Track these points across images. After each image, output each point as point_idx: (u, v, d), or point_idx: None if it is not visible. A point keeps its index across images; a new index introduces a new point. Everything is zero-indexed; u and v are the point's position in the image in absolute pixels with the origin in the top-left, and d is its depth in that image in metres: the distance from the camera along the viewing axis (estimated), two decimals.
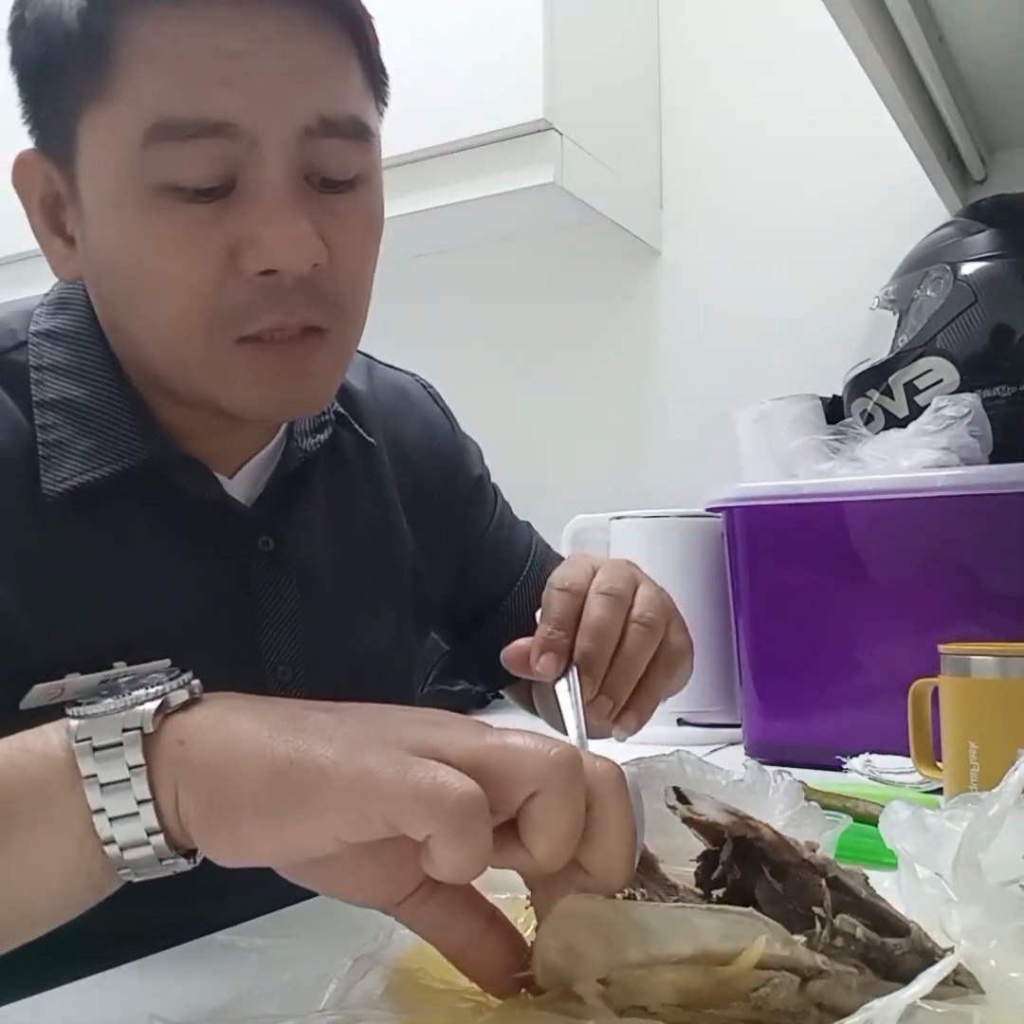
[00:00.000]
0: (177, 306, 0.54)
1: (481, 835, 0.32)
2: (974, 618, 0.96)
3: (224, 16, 0.51)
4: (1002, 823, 0.37)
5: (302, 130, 0.53)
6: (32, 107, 0.57)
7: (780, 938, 0.32)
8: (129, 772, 0.36)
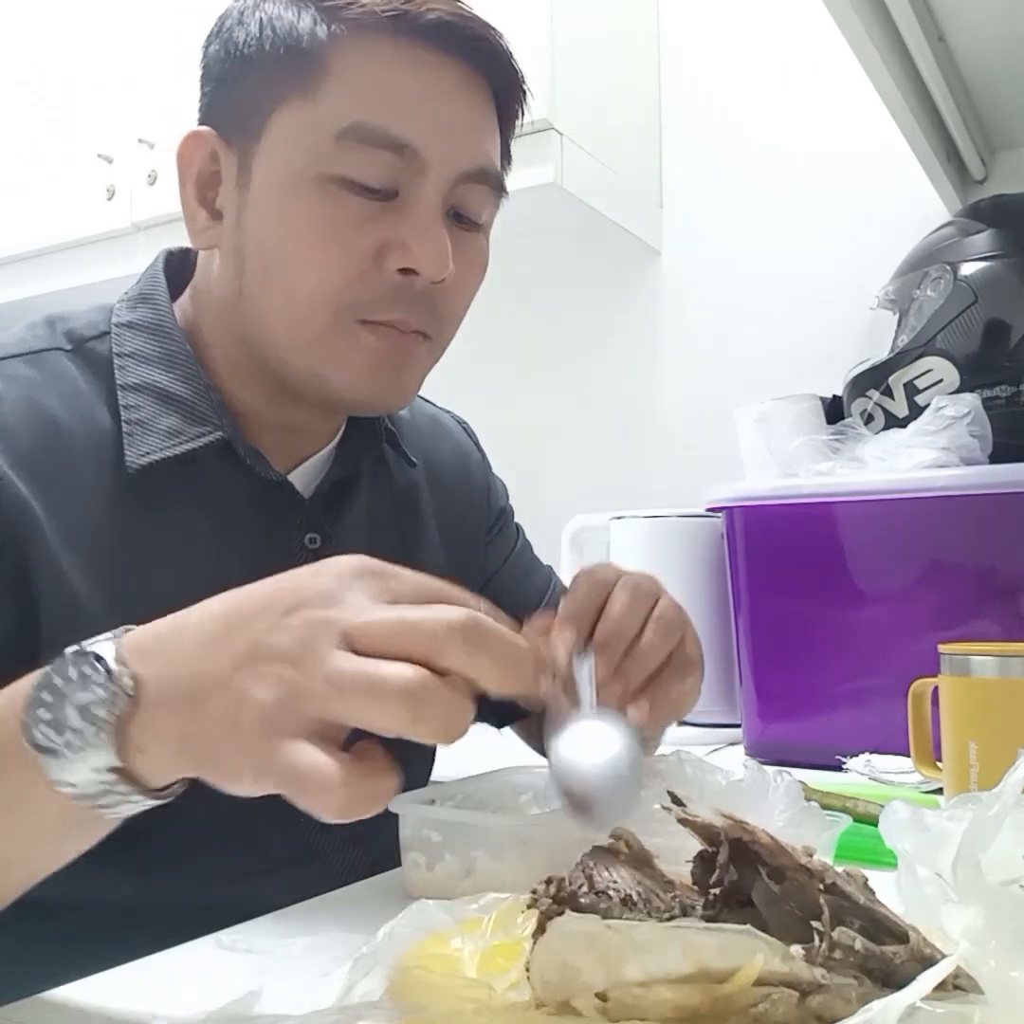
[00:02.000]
0: (324, 282, 0.61)
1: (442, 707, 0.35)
2: (974, 618, 0.96)
3: (423, 58, 0.61)
4: (1002, 823, 0.37)
5: (463, 172, 0.63)
6: (224, 92, 0.64)
7: (778, 953, 0.32)
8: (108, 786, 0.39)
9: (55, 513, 0.60)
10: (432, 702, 0.35)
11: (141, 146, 1.65)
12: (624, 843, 0.41)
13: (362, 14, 0.60)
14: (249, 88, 0.63)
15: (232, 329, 0.67)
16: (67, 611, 0.58)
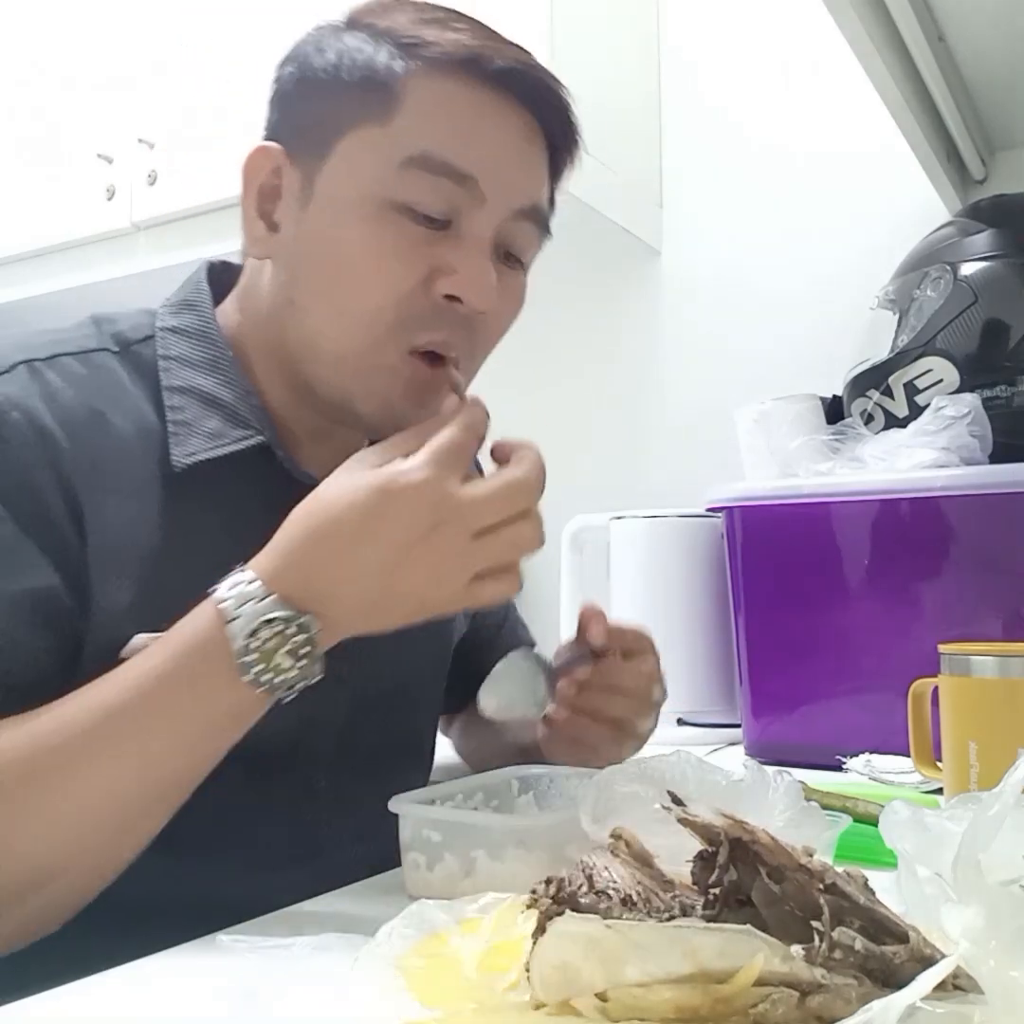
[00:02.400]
0: (376, 299, 0.64)
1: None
2: (974, 618, 0.96)
3: (489, 101, 0.65)
4: (1002, 823, 0.37)
5: (517, 209, 0.67)
6: (294, 113, 0.68)
7: (779, 954, 0.32)
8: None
9: (105, 503, 0.63)
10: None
11: (141, 146, 1.65)
12: (624, 843, 0.41)
13: (439, 54, 0.64)
14: (321, 111, 0.66)
15: (276, 338, 0.69)
16: (113, 601, 0.62)
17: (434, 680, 0.85)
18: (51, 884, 0.54)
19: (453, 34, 0.65)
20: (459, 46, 0.64)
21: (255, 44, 1.55)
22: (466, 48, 0.64)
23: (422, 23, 0.66)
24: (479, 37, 0.66)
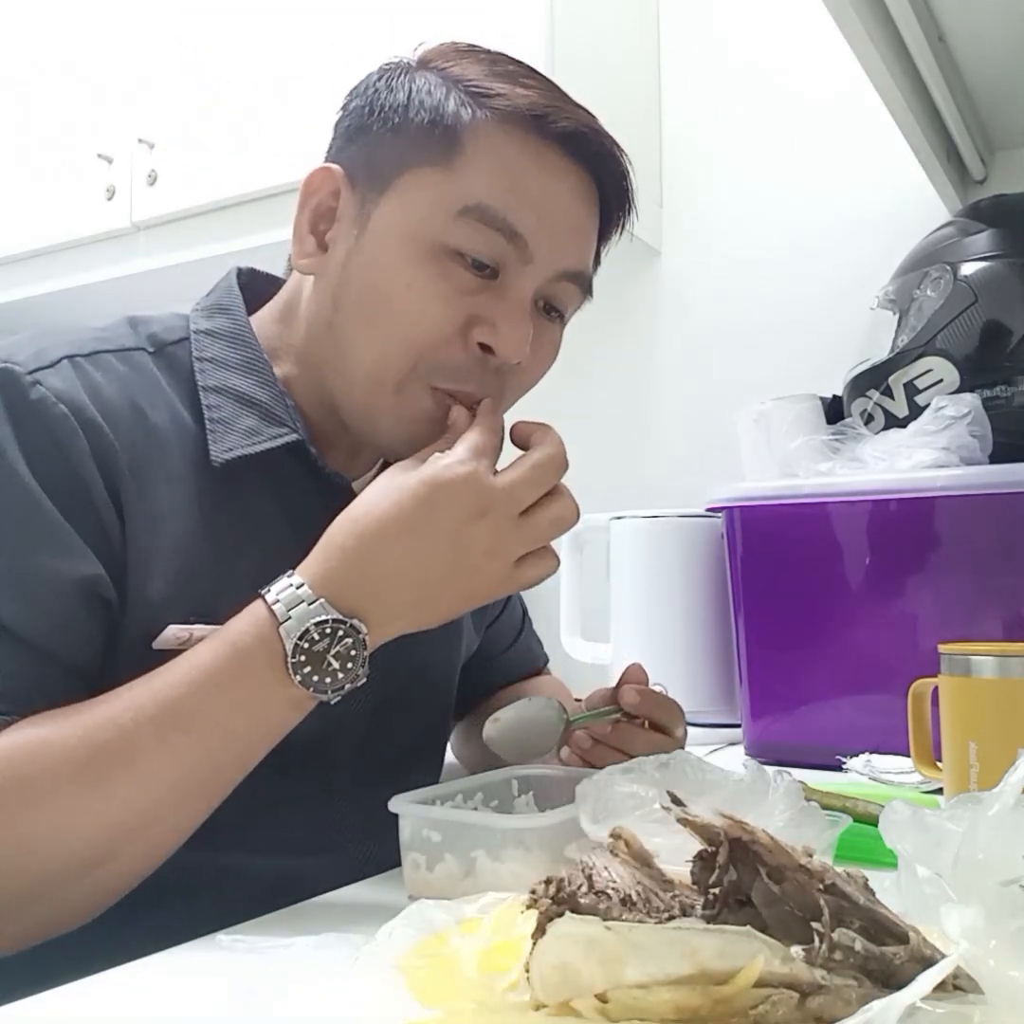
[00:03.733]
0: (412, 338, 0.66)
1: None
2: (974, 618, 0.96)
3: (549, 160, 0.67)
4: (1002, 823, 0.37)
5: (562, 271, 0.69)
6: (359, 143, 0.70)
7: (779, 955, 0.32)
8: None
9: (145, 496, 0.64)
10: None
11: (141, 146, 1.65)
12: (624, 843, 0.41)
13: (507, 107, 0.66)
14: (386, 146, 0.68)
15: (311, 351, 0.71)
16: (148, 590, 0.63)
17: (448, 682, 0.86)
18: (101, 868, 0.56)
19: (523, 90, 0.67)
20: (528, 102, 0.66)
21: (255, 44, 1.55)
22: (534, 105, 0.66)
23: (494, 76, 0.67)
24: (548, 96, 0.67)
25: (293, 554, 0.66)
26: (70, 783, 0.54)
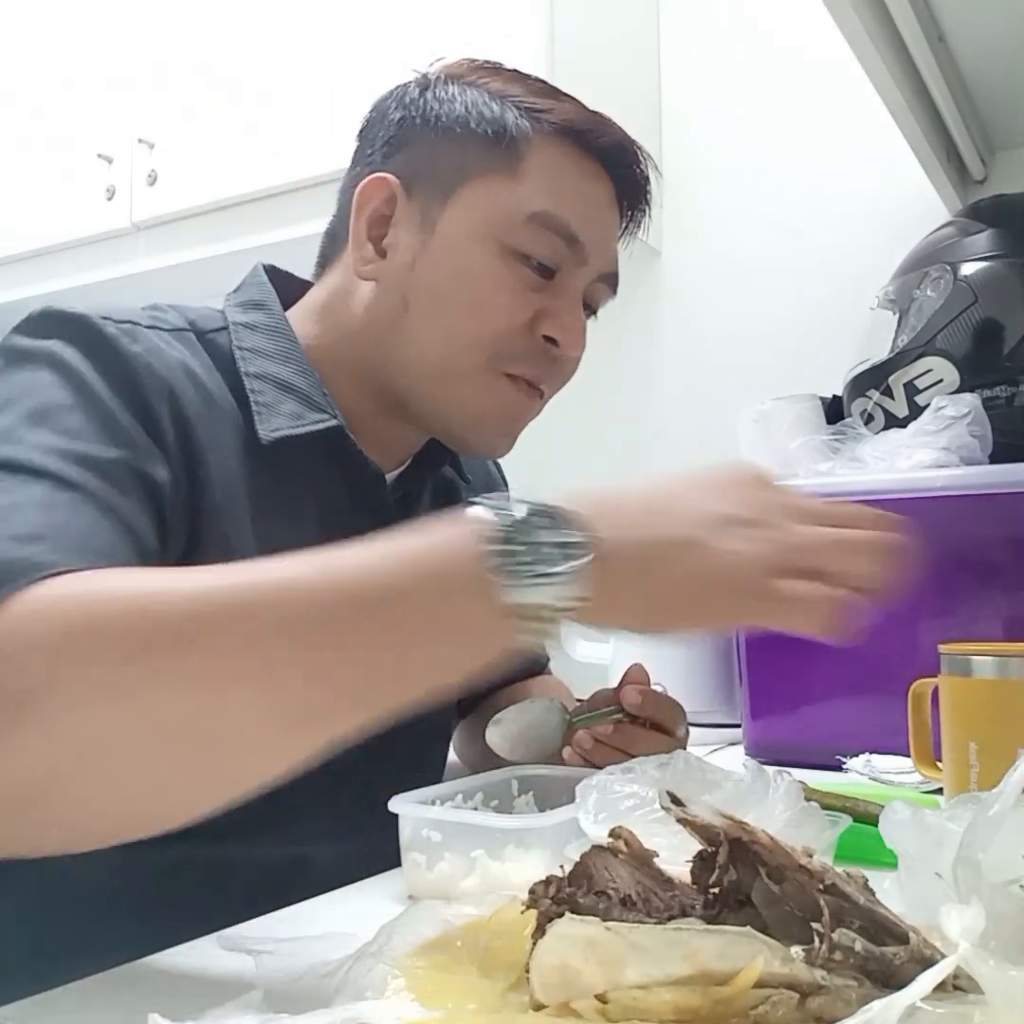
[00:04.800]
0: (485, 331, 0.71)
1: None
2: (974, 618, 0.96)
3: (593, 171, 0.74)
4: (1002, 823, 0.37)
5: (603, 273, 0.75)
6: (413, 152, 0.74)
7: (779, 955, 0.32)
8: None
9: (208, 459, 0.65)
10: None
11: (141, 146, 1.65)
12: (624, 842, 0.41)
13: (562, 120, 0.72)
14: (446, 155, 0.72)
15: (362, 348, 0.74)
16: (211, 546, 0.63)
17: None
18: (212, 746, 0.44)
19: (567, 104, 0.73)
20: (578, 117, 0.73)
21: (255, 44, 1.55)
22: (581, 119, 0.73)
23: (535, 93, 0.74)
24: (587, 111, 0.74)
25: (327, 535, 0.67)
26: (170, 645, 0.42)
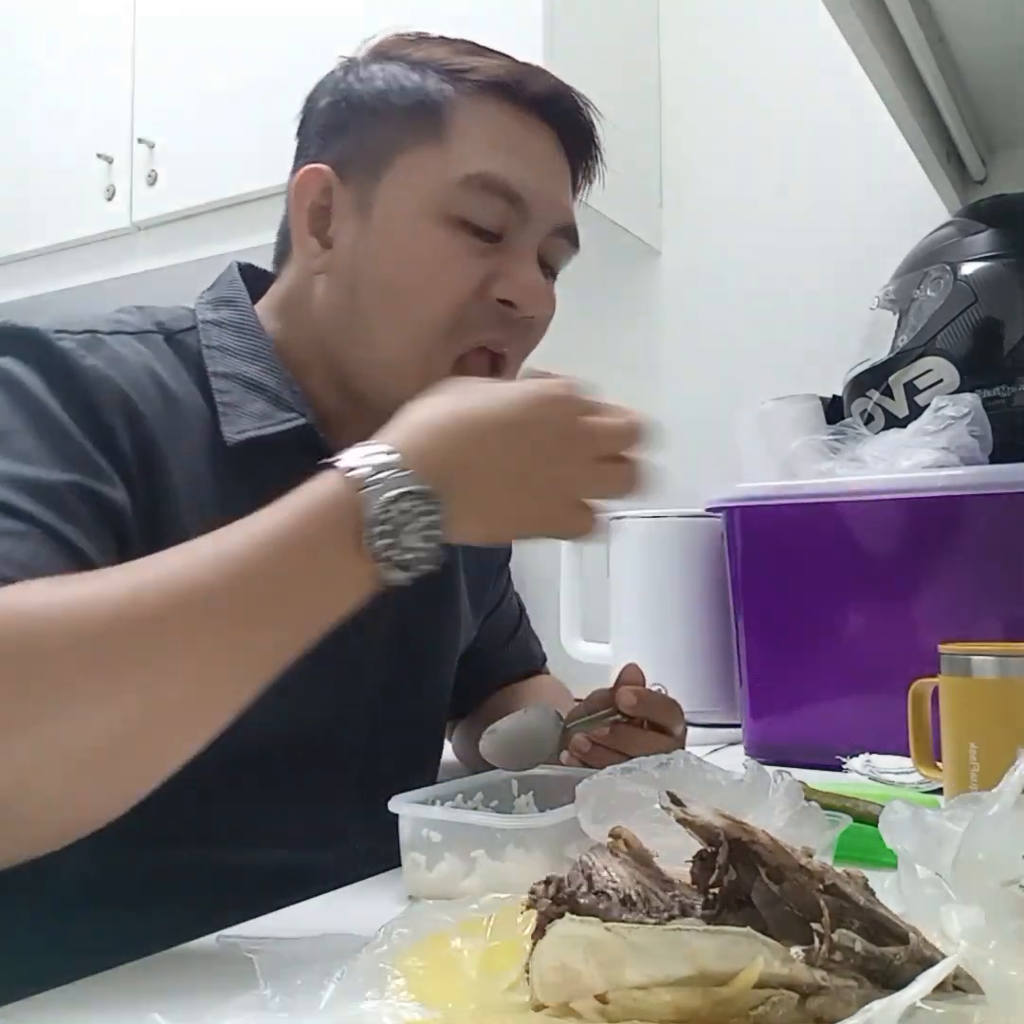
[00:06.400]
0: (436, 304, 0.68)
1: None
2: (974, 618, 0.96)
3: (529, 123, 0.71)
4: (1002, 823, 0.37)
5: (557, 227, 0.73)
6: (341, 137, 0.72)
7: (779, 956, 0.32)
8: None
9: (172, 465, 0.64)
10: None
11: (141, 146, 1.65)
12: (624, 842, 0.41)
13: (485, 77, 0.69)
14: (373, 134, 0.70)
15: (324, 343, 0.73)
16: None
17: (449, 667, 0.87)
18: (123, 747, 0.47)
19: (494, 60, 0.71)
20: (501, 71, 0.70)
21: (255, 44, 1.55)
22: (508, 73, 0.70)
23: (460, 53, 0.71)
24: (516, 64, 0.71)
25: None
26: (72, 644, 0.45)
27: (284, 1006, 0.38)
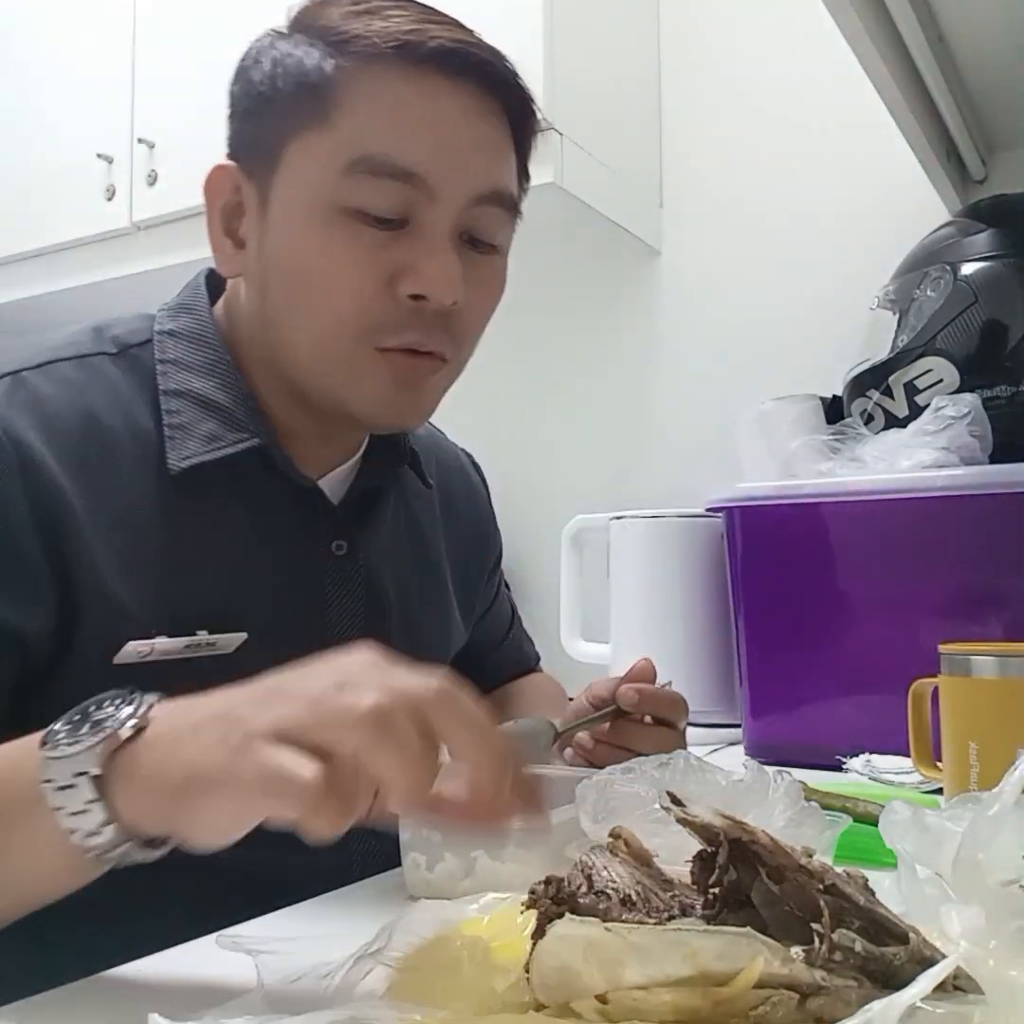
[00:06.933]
0: (339, 308, 0.63)
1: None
2: (974, 618, 0.96)
3: (432, 85, 0.62)
4: (1002, 823, 0.37)
5: (474, 196, 0.64)
6: (245, 128, 0.67)
7: (779, 956, 0.32)
8: (85, 805, 0.42)
9: (97, 510, 0.61)
10: (399, 731, 0.39)
11: (141, 146, 1.65)
12: (623, 842, 0.41)
13: (366, 47, 0.62)
14: (266, 123, 0.65)
15: (262, 347, 0.69)
16: (105, 605, 0.61)
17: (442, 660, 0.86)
18: None
19: (381, 23, 0.62)
20: (386, 35, 0.62)
21: None
22: (392, 36, 0.62)
23: (351, 16, 0.63)
24: (410, 21, 0.63)
25: (257, 561, 0.67)
26: None
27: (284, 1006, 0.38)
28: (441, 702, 0.40)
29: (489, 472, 0.99)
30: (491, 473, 0.99)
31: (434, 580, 0.84)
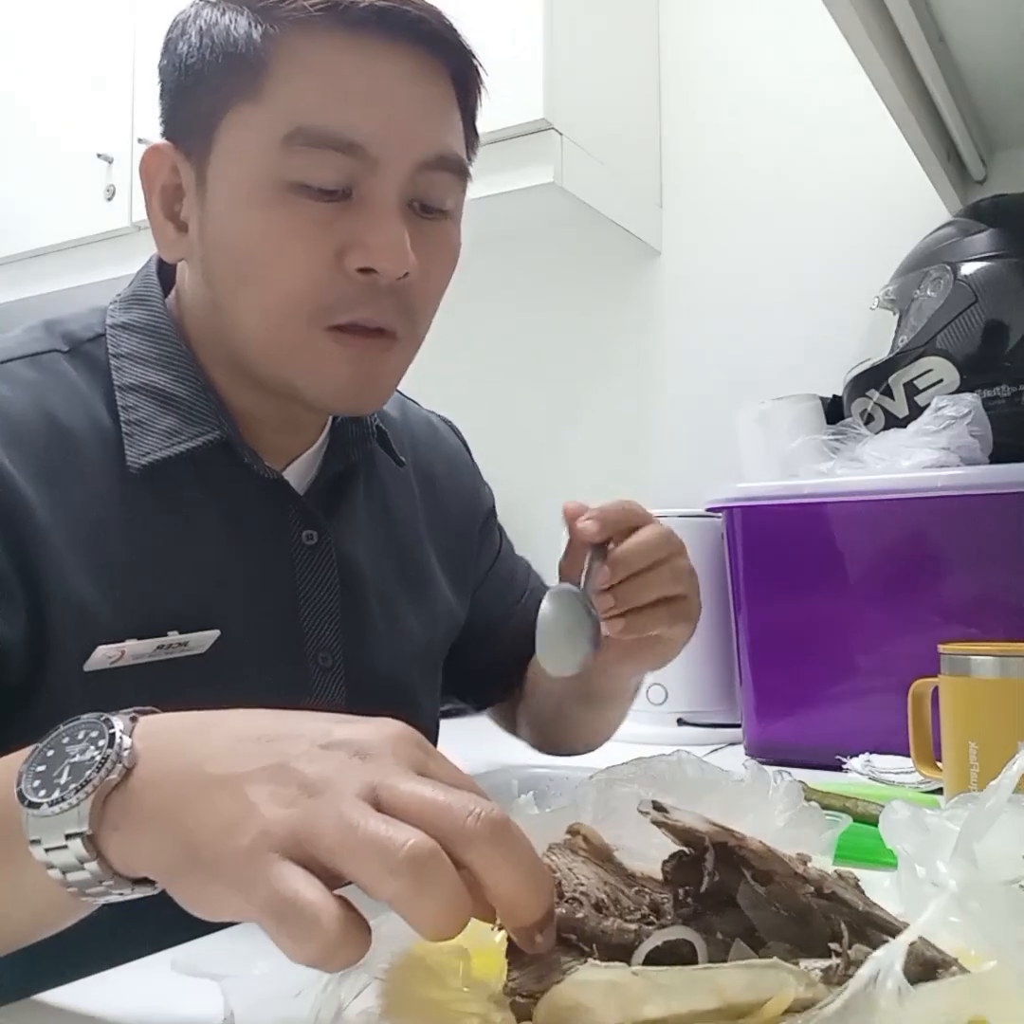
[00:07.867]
0: (287, 288, 0.61)
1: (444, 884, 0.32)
2: (974, 618, 0.96)
3: (367, 48, 0.59)
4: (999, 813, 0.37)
5: (420, 162, 0.61)
6: (177, 105, 0.64)
7: (803, 981, 0.32)
8: (78, 862, 0.37)
9: (61, 514, 0.59)
10: (439, 880, 0.32)
11: (141, 146, 1.65)
12: (582, 838, 0.40)
13: (293, 10, 0.58)
14: (197, 99, 0.62)
15: (213, 334, 0.67)
16: (73, 613, 0.59)
17: (432, 659, 0.83)
18: None
19: None
20: None
21: None
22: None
23: None
24: None
25: (226, 558, 0.66)
26: None
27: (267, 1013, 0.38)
28: (485, 838, 0.33)
29: (489, 472, 0.99)
30: (491, 473, 0.98)
31: (414, 560, 0.81)
